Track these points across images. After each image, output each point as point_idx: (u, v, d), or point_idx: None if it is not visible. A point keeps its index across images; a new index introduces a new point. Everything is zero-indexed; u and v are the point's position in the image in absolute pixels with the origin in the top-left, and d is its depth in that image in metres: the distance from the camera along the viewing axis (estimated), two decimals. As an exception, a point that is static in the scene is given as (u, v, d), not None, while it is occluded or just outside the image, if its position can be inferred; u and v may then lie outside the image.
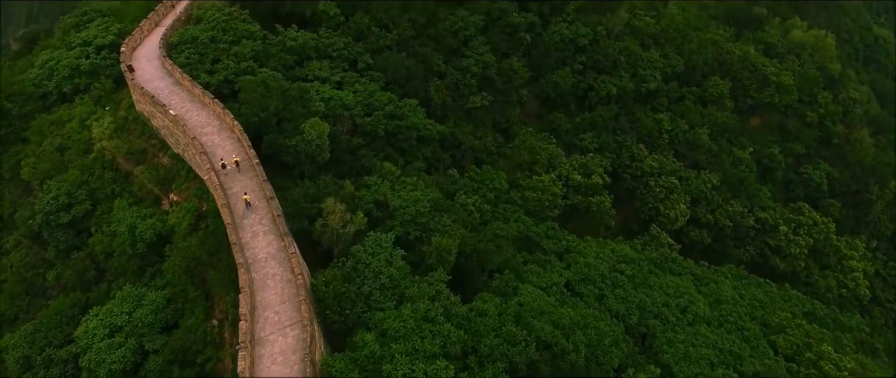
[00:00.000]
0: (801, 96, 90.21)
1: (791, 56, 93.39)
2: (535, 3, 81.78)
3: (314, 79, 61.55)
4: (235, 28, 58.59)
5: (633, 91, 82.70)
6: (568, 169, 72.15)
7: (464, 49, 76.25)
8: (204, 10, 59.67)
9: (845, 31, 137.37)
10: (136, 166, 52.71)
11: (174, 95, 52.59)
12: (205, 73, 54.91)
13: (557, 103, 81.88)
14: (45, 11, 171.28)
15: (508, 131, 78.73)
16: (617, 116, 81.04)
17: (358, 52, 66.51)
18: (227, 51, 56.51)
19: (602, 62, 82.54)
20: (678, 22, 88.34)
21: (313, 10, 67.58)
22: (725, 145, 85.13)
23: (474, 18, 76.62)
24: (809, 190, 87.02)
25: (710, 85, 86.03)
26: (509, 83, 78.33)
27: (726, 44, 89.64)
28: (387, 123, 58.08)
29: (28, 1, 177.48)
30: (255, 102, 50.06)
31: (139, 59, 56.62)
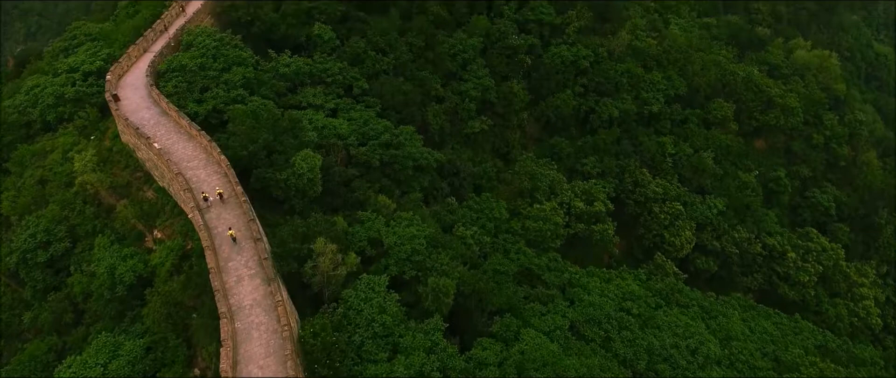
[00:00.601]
0: (806, 118, 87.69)
1: (795, 77, 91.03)
2: (536, 25, 79.50)
3: (308, 105, 59.07)
4: (226, 54, 56.09)
5: (636, 114, 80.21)
6: (570, 196, 69.45)
7: (462, 72, 73.83)
8: (194, 35, 57.24)
9: (846, 48, 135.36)
10: (119, 200, 49.90)
11: (160, 126, 49.93)
12: (193, 103, 52.30)
13: (558, 127, 79.35)
14: (44, 29, 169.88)
15: (508, 156, 76.17)
16: (619, 140, 78.49)
17: (353, 77, 64.01)
18: (216, 79, 53.97)
19: (604, 84, 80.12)
20: (680, 43, 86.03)
21: (308, 33, 65.17)
22: (730, 169, 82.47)
23: (473, 41, 74.27)
24: (817, 214, 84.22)
25: (714, 107, 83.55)
26: (509, 106, 75.85)
27: (729, 65, 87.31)
28: (382, 153, 55.40)
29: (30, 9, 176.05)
30: (244, 135, 47.40)
31: (125, 88, 54.05)
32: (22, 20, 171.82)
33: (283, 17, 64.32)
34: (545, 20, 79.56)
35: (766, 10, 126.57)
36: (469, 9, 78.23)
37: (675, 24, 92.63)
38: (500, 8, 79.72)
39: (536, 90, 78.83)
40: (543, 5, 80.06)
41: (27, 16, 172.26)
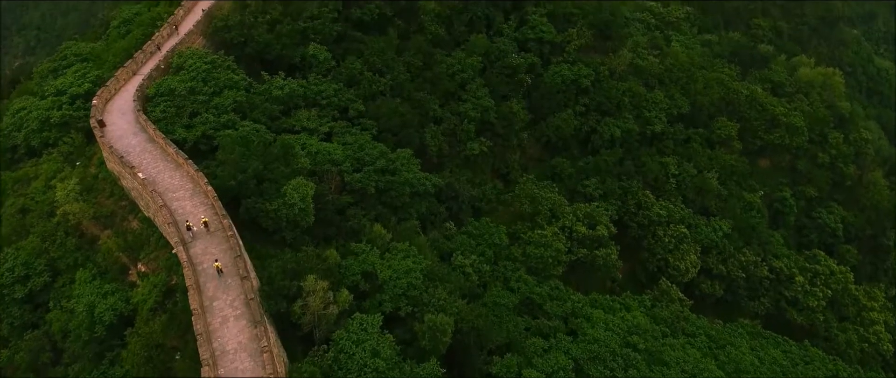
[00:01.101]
0: (811, 136, 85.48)
1: (800, 95, 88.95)
2: (536, 43, 77.47)
3: (302, 129, 56.81)
4: (217, 77, 53.93)
5: (638, 133, 77.86)
6: (571, 219, 66.94)
7: (461, 92, 71.61)
8: (185, 57, 55.10)
9: (847, 63, 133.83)
10: (103, 231, 47.53)
11: (146, 154, 47.65)
12: (182, 128, 50.06)
13: (559, 147, 77.02)
14: (43, 43, 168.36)
15: (508, 177, 73.81)
16: (621, 160, 76.11)
17: (349, 99, 61.81)
18: (206, 103, 51.76)
19: (605, 104, 77.89)
20: (683, 61, 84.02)
21: (303, 54, 63.05)
22: (735, 189, 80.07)
23: (472, 60, 72.12)
24: (824, 235, 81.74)
25: (718, 126, 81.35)
26: (509, 127, 73.56)
27: (733, 83, 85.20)
28: (378, 180, 53.05)
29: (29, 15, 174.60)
30: (233, 164, 45.08)
31: (112, 113, 51.82)
32: (21, 35, 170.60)
33: (278, 37, 62.23)
34: (545, 38, 77.52)
35: (767, 26, 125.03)
36: (468, 27, 76.24)
37: (676, 42, 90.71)
38: (500, 26, 77.78)
39: (537, 110, 76.63)
40: (544, 24, 78.05)
41: (26, 30, 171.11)
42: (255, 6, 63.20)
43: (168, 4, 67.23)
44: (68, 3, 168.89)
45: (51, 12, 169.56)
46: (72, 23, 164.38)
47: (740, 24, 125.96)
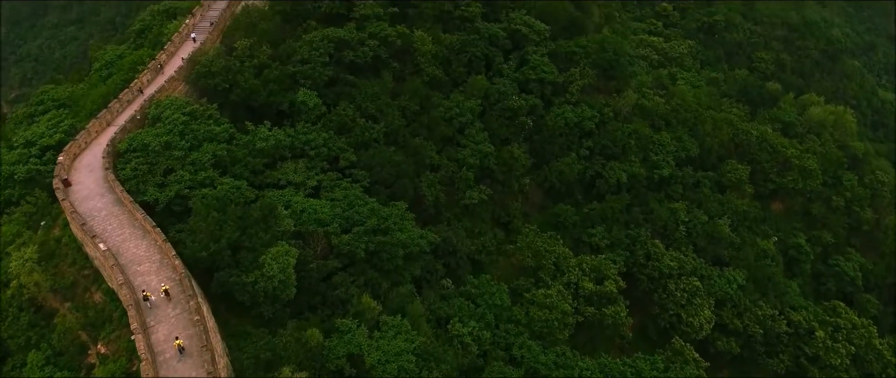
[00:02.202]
0: (824, 179, 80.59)
1: (811, 135, 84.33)
2: (537, 84, 73.09)
3: (287, 184, 51.91)
4: (196, 130, 49.20)
5: (645, 178, 73.00)
6: (577, 274, 61.61)
7: (459, 137, 66.92)
8: (162, 108, 50.47)
9: (852, 96, 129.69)
10: (63, 303, 42.27)
11: (112, 219, 42.65)
12: (154, 188, 45.14)
13: (563, 192, 72.05)
14: (39, 75, 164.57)
15: (509, 226, 68.61)
16: (629, 207, 71.03)
17: (340, 148, 57.04)
18: (182, 159, 46.93)
19: (610, 147, 73.16)
20: (689, 101, 79.60)
21: (292, 100, 58.51)
22: (748, 236, 74.81)
23: (471, 104, 67.57)
24: (842, 284, 76.24)
25: (728, 169, 76.50)
26: (510, 172, 68.68)
27: (742, 124, 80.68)
28: (368, 241, 47.88)
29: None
30: (206, 232, 40.02)
31: (80, 170, 46.96)
32: (18, 66, 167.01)
33: (265, 83, 57.78)
34: (547, 79, 73.14)
35: (770, 60, 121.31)
36: (466, 68, 71.93)
37: (681, 80, 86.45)
38: (500, 67, 73.48)
39: (539, 154, 71.88)
40: (545, 64, 73.78)
41: (23, 61, 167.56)
42: (242, 50, 58.92)
43: (150, 48, 62.94)
44: (67, 34, 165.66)
45: (49, 43, 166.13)
46: (70, 54, 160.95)
47: (742, 57, 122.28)
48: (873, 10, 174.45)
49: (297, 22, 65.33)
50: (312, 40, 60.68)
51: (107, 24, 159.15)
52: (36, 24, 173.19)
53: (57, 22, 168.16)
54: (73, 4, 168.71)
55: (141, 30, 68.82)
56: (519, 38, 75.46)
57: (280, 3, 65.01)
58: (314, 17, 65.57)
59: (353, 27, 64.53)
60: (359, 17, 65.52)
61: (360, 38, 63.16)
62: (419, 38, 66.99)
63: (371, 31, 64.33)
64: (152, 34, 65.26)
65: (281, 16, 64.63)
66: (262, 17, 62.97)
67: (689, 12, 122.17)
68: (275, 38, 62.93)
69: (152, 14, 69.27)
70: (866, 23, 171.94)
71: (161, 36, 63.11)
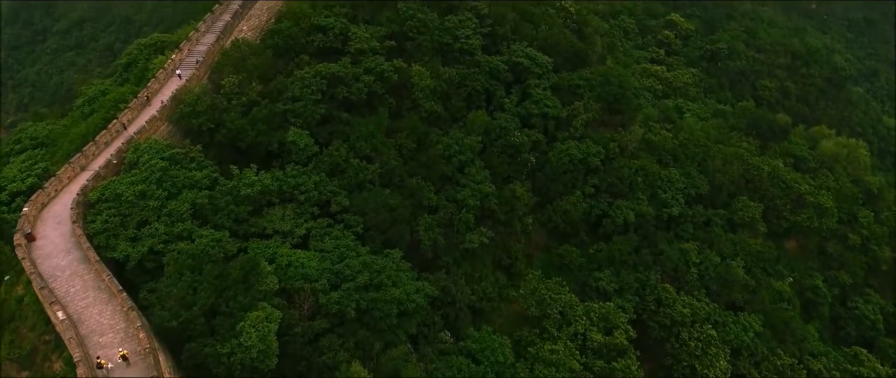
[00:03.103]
0: (839, 215, 76.35)
1: (824, 170, 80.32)
2: (540, 119, 69.25)
3: (273, 232, 47.60)
4: (175, 176, 45.04)
5: (654, 217, 68.76)
6: (585, 323, 57.00)
7: (459, 176, 62.79)
8: (140, 152, 46.36)
9: (857, 124, 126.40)
10: (20, 372, 37.67)
11: (77, 279, 38.28)
12: (126, 243, 40.84)
13: (568, 233, 67.67)
14: (36, 100, 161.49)
15: (511, 269, 64.14)
16: (637, 249, 66.63)
17: (331, 191, 52.79)
18: (158, 210, 42.70)
19: (617, 185, 69.01)
20: (698, 135, 75.76)
21: (281, 140, 54.51)
22: (762, 277, 70.34)
23: (471, 140, 63.57)
24: (862, 328, 71.58)
25: (740, 207, 72.31)
26: (512, 212, 64.37)
27: (752, 158, 76.68)
28: (359, 298, 43.37)
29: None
30: (177, 298, 35.62)
31: (47, 222, 42.71)
32: (15, 91, 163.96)
33: (253, 122, 53.79)
34: (550, 113, 69.33)
35: (774, 88, 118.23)
36: (466, 102, 68.17)
37: (688, 112, 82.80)
38: (501, 101, 69.71)
39: (542, 192, 67.76)
40: (547, 97, 70.06)
41: (21, 87, 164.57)
42: (230, 87, 55.08)
43: (135, 84, 59.19)
44: (66, 59, 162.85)
45: (47, 69, 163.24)
46: (68, 80, 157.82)
47: (746, 85, 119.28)
48: (873, 35, 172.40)
49: (290, 56, 61.66)
50: (304, 77, 56.91)
51: (105, 51, 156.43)
52: (35, 49, 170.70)
53: (56, 48, 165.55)
54: (72, 31, 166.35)
55: (127, 64, 65.25)
56: (520, 70, 71.86)
57: (272, 37, 61.40)
58: (307, 51, 61.94)
59: (348, 62, 60.82)
60: (354, 52, 61.87)
61: (355, 73, 59.42)
62: (417, 72, 63.32)
63: (366, 65, 60.64)
64: (137, 69, 61.61)
65: (272, 50, 61.00)
66: (253, 52, 59.31)
67: (691, 40, 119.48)
68: (266, 74, 59.17)
69: (139, 47, 65.75)
70: (866, 48, 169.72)
71: (146, 71, 59.40)
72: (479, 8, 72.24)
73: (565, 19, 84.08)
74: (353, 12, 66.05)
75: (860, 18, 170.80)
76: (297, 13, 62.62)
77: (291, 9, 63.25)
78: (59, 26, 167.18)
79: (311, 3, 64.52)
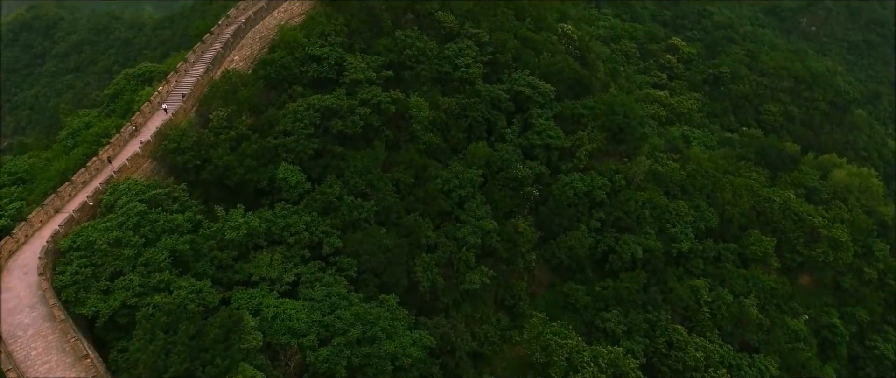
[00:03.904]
0: (854, 248, 72.64)
1: (836, 201, 76.85)
2: (543, 150, 65.97)
3: (260, 280, 43.89)
4: (154, 221, 41.47)
5: (663, 252, 65.16)
6: (593, 370, 52.84)
7: (459, 211, 59.29)
8: (118, 193, 42.82)
9: (862, 148, 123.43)
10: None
11: (40, 339, 34.43)
12: (97, 297, 37.09)
13: (573, 269, 64.05)
14: (33, 123, 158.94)
15: (514, 309, 60.42)
16: (646, 287, 62.91)
17: (324, 231, 49.19)
18: (134, 259, 39.04)
19: (623, 219, 65.53)
20: (706, 166, 72.42)
21: (272, 176, 51.10)
22: (777, 315, 66.52)
23: (471, 174, 60.18)
24: (882, 368, 67.55)
25: (752, 241, 68.72)
26: (514, 249, 60.79)
27: (763, 190, 73.30)
28: (351, 355, 39.56)
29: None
30: (148, 364, 31.81)
31: (13, 272, 38.91)
32: (12, 114, 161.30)
33: (241, 158, 50.41)
34: (553, 144, 66.10)
35: (778, 112, 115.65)
36: (466, 133, 64.98)
37: (695, 141, 79.58)
38: (502, 131, 66.51)
39: (546, 226, 64.21)
40: (551, 127, 66.88)
41: (18, 109, 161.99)
42: (218, 121, 51.81)
43: (120, 117, 55.94)
44: (64, 82, 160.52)
45: (45, 92, 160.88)
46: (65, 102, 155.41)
47: (749, 109, 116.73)
48: (873, 57, 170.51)
49: (283, 87, 58.63)
50: (297, 110, 53.70)
51: (104, 74, 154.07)
52: (34, 72, 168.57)
53: (54, 70, 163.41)
54: (71, 54, 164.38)
55: (114, 94, 62.09)
56: (522, 99, 68.76)
57: (264, 67, 58.37)
58: (301, 81, 58.91)
59: (344, 93, 57.72)
60: (349, 82, 58.82)
61: (350, 105, 56.24)
62: (415, 103, 60.20)
63: (362, 97, 57.51)
64: (123, 100, 58.45)
65: (264, 81, 57.94)
66: (244, 83, 56.18)
67: (693, 64, 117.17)
68: (257, 106, 56.07)
69: (126, 77, 62.64)
70: (867, 71, 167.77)
71: (133, 103, 56.18)
72: (480, 35, 69.48)
73: (567, 46, 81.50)
74: (348, 41, 63.21)
75: (860, 40, 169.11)
76: (291, 42, 59.70)
77: (285, 38, 60.33)
78: (58, 49, 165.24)
79: (306, 31, 61.66)
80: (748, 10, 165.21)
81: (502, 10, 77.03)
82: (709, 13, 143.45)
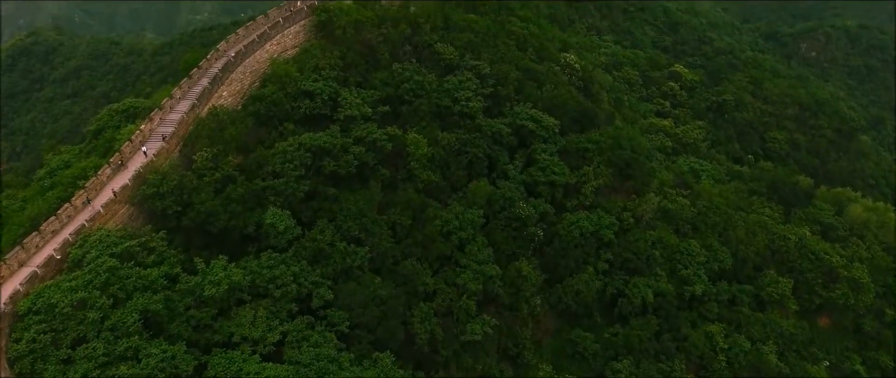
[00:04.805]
0: (874, 289, 68.35)
1: (854, 238, 72.85)
2: (547, 187, 62.13)
3: (241, 340, 39.66)
4: (124, 277, 37.42)
5: (675, 295, 60.91)
6: (605, 431, 48.38)
7: (459, 254, 55.17)
8: (88, 246, 38.83)
9: (869, 175, 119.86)
10: None
11: (-15, 422, 30.18)
12: (56, 366, 32.96)
13: (580, 314, 59.66)
14: (28, 149, 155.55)
15: (518, 359, 55.90)
16: (658, 334, 58.52)
17: (314, 282, 45.12)
18: (99, 323, 34.89)
19: (632, 260, 61.35)
20: (717, 202, 68.54)
21: (259, 221, 47.13)
22: (796, 361, 61.98)
23: (472, 215, 56.20)
24: (910, 419, 62.59)
25: (768, 283, 64.53)
26: (518, 294, 56.55)
27: (777, 227, 69.29)
28: (340, 431, 35.22)
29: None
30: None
31: (-35, 338, 34.78)
32: (8, 140, 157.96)
33: (226, 202, 46.56)
34: (558, 181, 62.28)
35: (784, 140, 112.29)
36: (467, 170, 61.17)
37: (704, 174, 75.85)
38: (504, 167, 62.75)
39: (551, 268, 59.99)
40: (555, 163, 63.08)
41: (14, 135, 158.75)
42: (202, 162, 48.05)
43: (99, 156, 52.24)
44: (61, 108, 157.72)
45: (42, 118, 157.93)
46: (61, 128, 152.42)
47: (755, 136, 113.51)
48: (874, 82, 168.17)
49: (273, 124, 54.99)
50: (287, 150, 49.97)
51: (101, 99, 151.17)
52: (31, 97, 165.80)
53: (52, 96, 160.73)
54: (70, 79, 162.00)
55: (97, 130, 58.54)
56: (525, 134, 65.15)
57: (254, 103, 54.82)
58: (293, 118, 55.30)
59: (338, 130, 54.01)
60: (344, 119, 55.26)
61: (344, 144, 52.54)
62: (413, 141, 56.50)
63: (357, 135, 53.84)
64: (104, 138, 54.77)
65: (254, 118, 54.33)
66: (232, 120, 52.59)
67: (696, 91, 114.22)
68: (246, 144, 52.37)
69: (110, 113, 59.15)
70: (869, 96, 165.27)
71: (114, 141, 52.51)
72: (480, 67, 66.16)
73: (570, 76, 78.25)
74: (343, 75, 59.83)
75: (861, 65, 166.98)
76: (283, 77, 56.25)
77: (277, 72, 56.94)
78: (57, 75, 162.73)
79: (300, 65, 58.34)
80: (748, 36, 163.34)
81: (504, 40, 74.03)
82: (709, 39, 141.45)
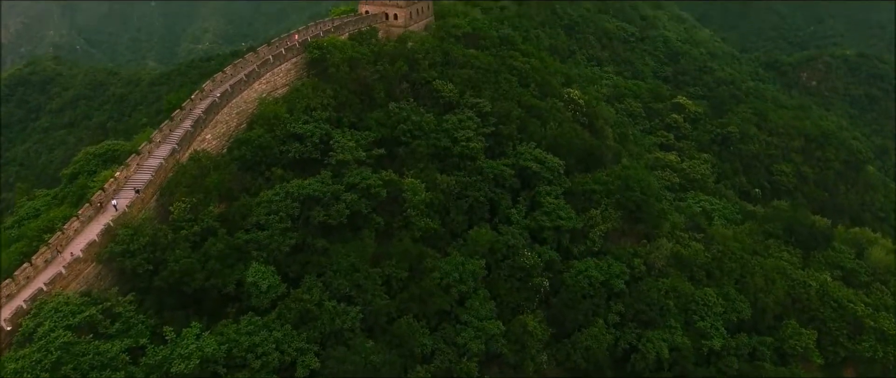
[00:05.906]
0: (901, 338, 63.20)
1: (877, 284, 67.91)
2: (553, 232, 57.53)
3: (213, 423, 34.57)
4: (80, 354, 32.52)
5: (692, 349, 55.73)
6: None
7: (459, 310, 50.28)
8: (43, 317, 33.92)
9: (878, 208, 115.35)
10: None
11: None
12: None
13: (590, 372, 54.27)
14: (21, 178, 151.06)
15: (524, 425, 50.47)
16: (676, 394, 53.22)
17: (299, 348, 40.17)
18: (46, 413, 29.89)
19: (645, 311, 56.40)
20: (732, 246, 63.85)
21: (239, 279, 42.35)
22: (824, 421, 56.50)
23: (473, 265, 51.44)
24: None
25: (789, 334, 59.41)
26: (522, 351, 51.37)
27: (796, 272, 64.43)
28: None
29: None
30: None
31: None
32: (2, 170, 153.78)
33: (204, 259, 41.84)
34: (564, 226, 57.73)
35: (791, 172, 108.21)
36: (467, 216, 56.68)
37: (716, 215, 71.29)
38: (507, 212, 58.30)
39: (558, 322, 54.91)
40: (561, 206, 58.69)
41: (8, 166, 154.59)
42: (179, 213, 43.46)
43: (71, 205, 47.64)
44: (56, 138, 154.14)
45: (36, 148, 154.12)
46: (56, 159, 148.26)
47: (761, 169, 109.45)
48: (876, 111, 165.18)
49: (260, 169, 50.68)
50: (272, 200, 45.50)
51: (97, 129, 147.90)
52: (27, 127, 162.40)
53: (47, 126, 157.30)
54: (66, 109, 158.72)
55: (73, 174, 54.04)
56: (529, 175, 60.94)
57: (240, 147, 50.55)
58: (281, 162, 51.04)
59: (329, 176, 49.68)
60: (336, 163, 50.97)
61: (335, 191, 48.11)
62: (410, 186, 52.13)
63: (350, 181, 49.47)
64: (78, 185, 50.25)
65: (239, 163, 50.01)
66: (215, 166, 48.22)
67: (700, 123, 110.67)
68: (230, 191, 47.92)
69: (87, 156, 54.74)
70: (871, 125, 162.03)
71: (87, 189, 47.97)
72: (481, 105, 62.31)
73: (574, 112, 74.48)
74: (336, 115, 55.85)
75: (862, 94, 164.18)
76: (271, 118, 52.16)
77: (264, 112, 52.85)
78: (53, 105, 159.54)
79: (289, 105, 54.32)
80: (748, 66, 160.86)
81: (505, 76, 70.42)
82: (710, 69, 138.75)
